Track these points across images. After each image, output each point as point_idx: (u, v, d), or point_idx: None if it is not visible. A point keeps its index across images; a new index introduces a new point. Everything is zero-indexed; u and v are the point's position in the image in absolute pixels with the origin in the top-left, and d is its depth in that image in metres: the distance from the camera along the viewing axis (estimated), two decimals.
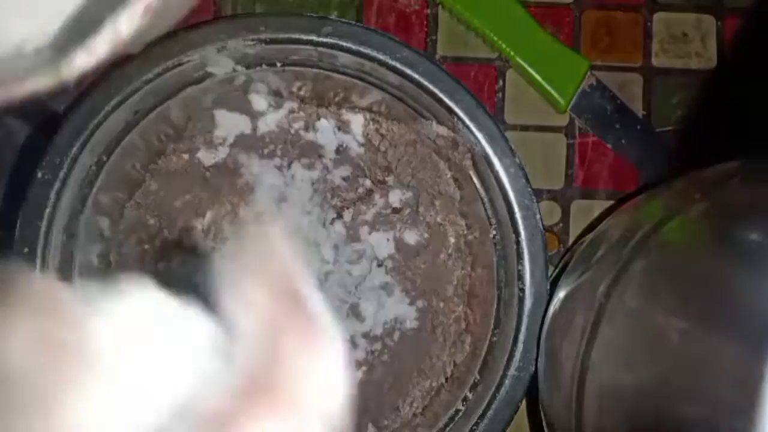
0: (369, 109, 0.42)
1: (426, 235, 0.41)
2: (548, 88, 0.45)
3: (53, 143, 0.37)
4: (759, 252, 0.26)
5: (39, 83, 0.19)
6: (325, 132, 0.41)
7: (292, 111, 0.42)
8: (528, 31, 0.44)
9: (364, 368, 0.41)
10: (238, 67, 0.39)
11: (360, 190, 0.41)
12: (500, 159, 0.38)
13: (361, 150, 0.42)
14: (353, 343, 0.40)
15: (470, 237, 0.42)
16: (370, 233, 0.40)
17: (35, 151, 0.38)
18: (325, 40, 0.38)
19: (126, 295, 0.18)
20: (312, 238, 0.40)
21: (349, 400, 0.21)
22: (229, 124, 0.41)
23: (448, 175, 0.41)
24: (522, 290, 0.38)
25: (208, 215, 0.41)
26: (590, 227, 0.45)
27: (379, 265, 0.40)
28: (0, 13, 0.21)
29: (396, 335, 0.41)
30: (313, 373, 0.19)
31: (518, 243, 0.38)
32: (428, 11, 0.46)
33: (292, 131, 0.41)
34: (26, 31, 0.21)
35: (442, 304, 0.41)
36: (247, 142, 0.41)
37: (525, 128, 0.46)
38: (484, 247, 0.41)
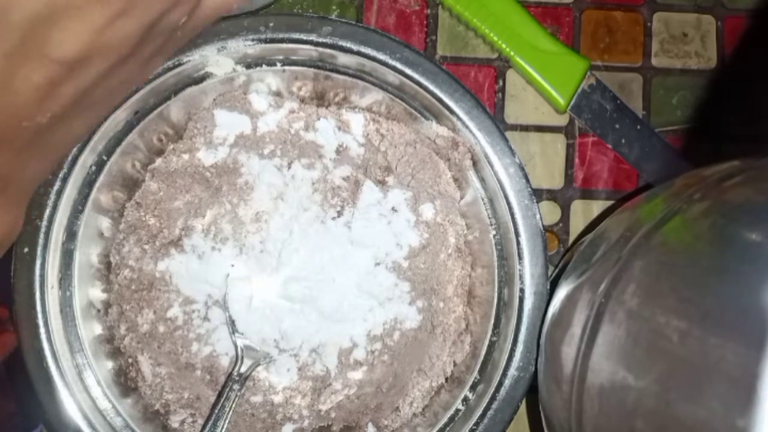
0: (369, 109, 0.42)
1: (426, 235, 0.41)
2: (548, 88, 0.45)
3: None
4: (759, 251, 0.26)
5: None
6: (325, 132, 0.41)
7: (292, 111, 0.42)
8: (528, 31, 0.44)
9: (364, 368, 0.41)
10: (238, 67, 0.39)
11: (360, 189, 0.41)
12: (500, 159, 0.38)
13: (361, 150, 0.42)
14: (353, 342, 0.40)
15: (470, 237, 0.42)
16: (369, 233, 0.40)
17: None
18: (325, 40, 0.38)
19: None
20: (312, 237, 0.40)
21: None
22: (229, 124, 0.41)
23: (448, 175, 0.41)
24: (522, 290, 0.38)
25: (208, 215, 0.40)
26: (590, 227, 0.46)
27: (378, 265, 0.40)
28: None
29: (396, 335, 0.41)
30: None
31: (518, 243, 0.38)
32: (428, 11, 0.46)
33: (292, 131, 0.41)
34: None
35: (442, 304, 0.41)
36: (247, 142, 0.41)
37: (525, 128, 0.46)
38: (484, 247, 0.41)
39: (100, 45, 0.26)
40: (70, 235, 0.38)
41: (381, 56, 0.38)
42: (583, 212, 0.46)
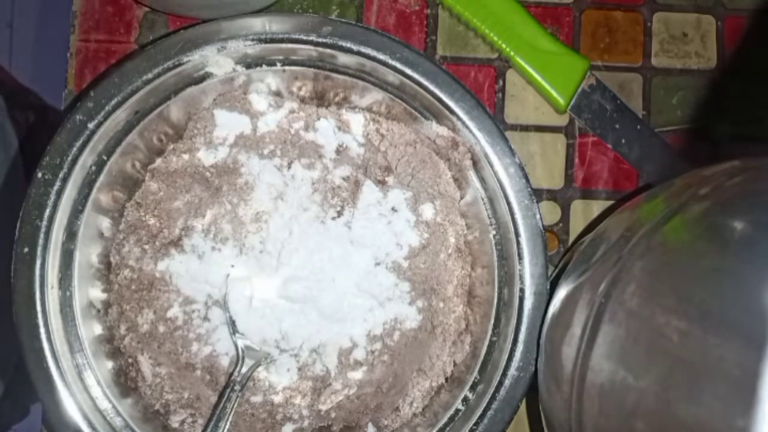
0: (369, 109, 0.42)
1: (426, 235, 0.41)
2: (548, 88, 0.45)
3: (53, 143, 0.37)
4: (759, 251, 0.26)
5: None
6: (325, 132, 0.41)
7: (292, 111, 0.42)
8: (528, 31, 0.44)
9: (364, 368, 0.41)
10: (238, 67, 0.39)
11: (360, 189, 0.41)
12: (500, 159, 0.38)
13: (361, 150, 0.42)
14: (353, 342, 0.40)
15: (470, 237, 0.42)
16: (369, 233, 0.40)
17: (35, 151, 0.38)
18: (325, 40, 0.38)
19: None
20: (312, 237, 0.40)
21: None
22: (229, 124, 0.41)
23: (448, 175, 0.41)
24: (522, 290, 0.38)
25: (208, 215, 0.40)
26: (590, 227, 0.46)
27: (378, 264, 0.40)
28: None
29: (396, 335, 0.41)
30: None
31: (518, 243, 0.38)
32: (428, 11, 0.46)
33: (292, 131, 0.41)
34: None
35: (442, 304, 0.41)
36: (247, 142, 0.41)
37: (525, 128, 0.46)
38: (484, 247, 0.41)
39: None
40: (70, 235, 0.38)
41: (381, 56, 0.38)
42: (583, 212, 0.46)
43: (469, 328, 0.41)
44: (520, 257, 0.38)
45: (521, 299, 0.38)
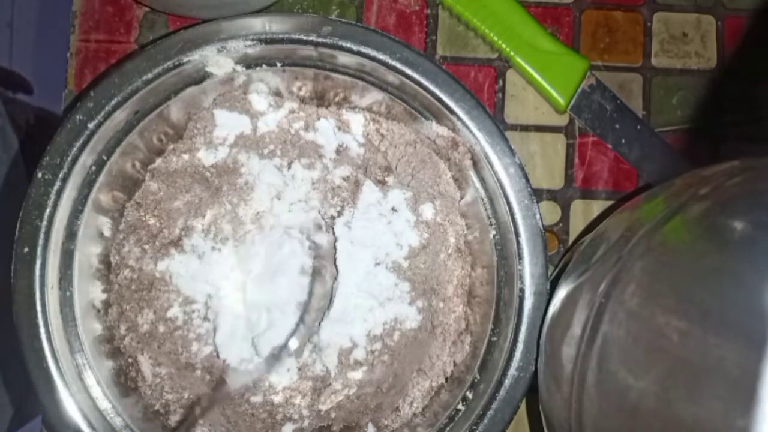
0: (369, 109, 0.42)
1: (426, 235, 0.41)
2: (548, 88, 0.45)
3: (53, 143, 0.37)
4: (759, 251, 0.26)
5: None
6: (325, 132, 0.41)
7: (292, 111, 0.42)
8: (528, 31, 0.44)
9: (364, 368, 0.41)
10: (238, 67, 0.39)
11: (360, 189, 0.41)
12: (500, 159, 0.38)
13: (361, 150, 0.42)
14: (353, 342, 0.40)
15: (470, 237, 0.42)
16: (369, 233, 0.40)
17: (35, 151, 0.38)
18: (325, 40, 0.38)
19: None
20: (312, 237, 0.40)
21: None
22: (229, 124, 0.41)
23: (448, 175, 0.41)
24: (522, 290, 0.38)
25: (208, 215, 0.40)
26: (590, 227, 0.46)
27: (378, 264, 0.40)
28: None
29: (396, 335, 0.41)
30: None
31: (518, 243, 0.38)
32: (428, 11, 0.46)
33: (292, 131, 0.41)
34: None
35: (442, 304, 0.41)
36: (247, 142, 0.41)
37: (525, 128, 0.46)
38: (484, 247, 0.41)
39: None
40: (70, 235, 0.38)
41: (381, 56, 0.38)
42: (583, 212, 0.46)
43: (469, 328, 0.41)
44: (520, 257, 0.38)
45: (521, 299, 0.38)
